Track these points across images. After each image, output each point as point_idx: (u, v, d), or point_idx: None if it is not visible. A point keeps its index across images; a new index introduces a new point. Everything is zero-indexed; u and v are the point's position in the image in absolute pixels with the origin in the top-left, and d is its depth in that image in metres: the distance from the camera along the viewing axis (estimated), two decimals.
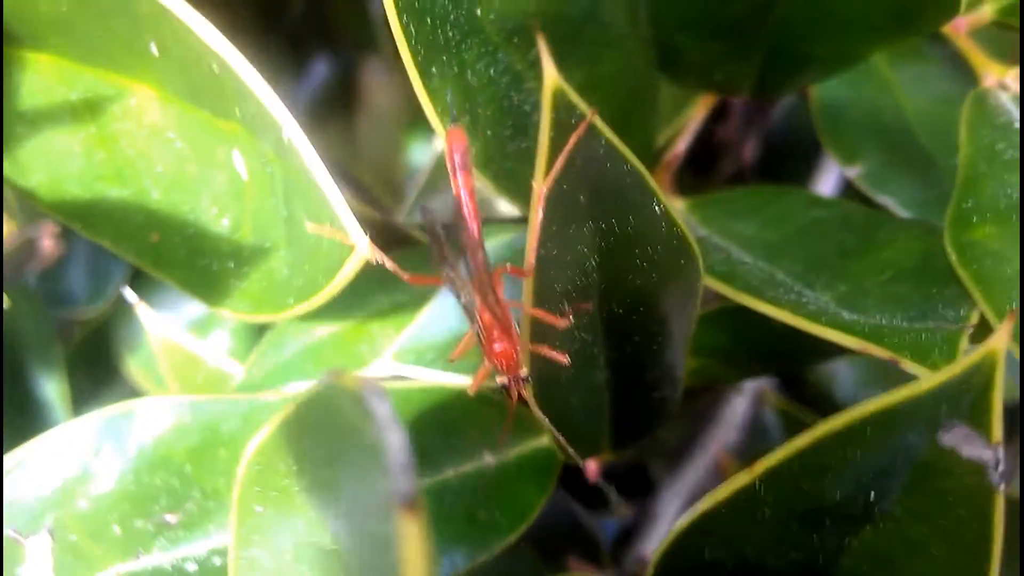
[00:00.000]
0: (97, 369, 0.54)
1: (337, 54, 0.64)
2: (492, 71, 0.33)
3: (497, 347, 0.28)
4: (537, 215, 0.26)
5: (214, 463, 0.31)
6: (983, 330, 0.29)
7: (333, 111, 0.65)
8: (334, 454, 0.22)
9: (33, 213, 0.47)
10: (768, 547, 0.29)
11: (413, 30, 0.30)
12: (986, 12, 0.39)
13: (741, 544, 0.29)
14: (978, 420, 0.25)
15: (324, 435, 0.23)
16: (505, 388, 0.29)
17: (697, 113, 0.46)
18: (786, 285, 0.34)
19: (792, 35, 0.39)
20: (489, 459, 0.35)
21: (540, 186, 0.25)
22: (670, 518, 0.48)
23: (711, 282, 0.32)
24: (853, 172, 0.43)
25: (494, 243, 0.36)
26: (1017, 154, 0.34)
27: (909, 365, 0.28)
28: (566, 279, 0.28)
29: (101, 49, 0.31)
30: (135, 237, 0.33)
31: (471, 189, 0.29)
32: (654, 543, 0.47)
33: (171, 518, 0.31)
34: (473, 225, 0.28)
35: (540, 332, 0.29)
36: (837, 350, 0.40)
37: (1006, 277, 0.30)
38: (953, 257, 0.31)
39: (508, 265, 0.29)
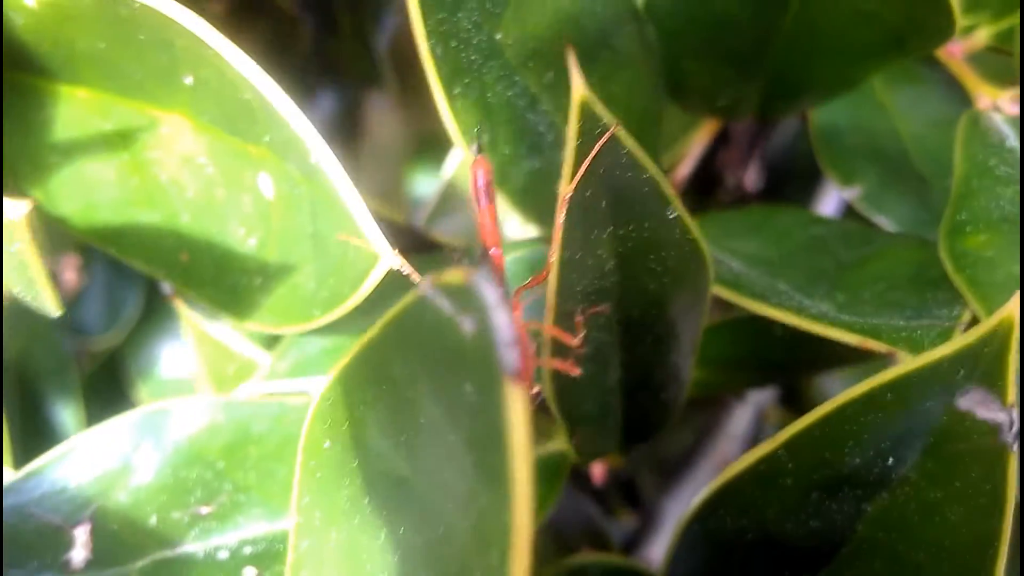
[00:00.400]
0: (110, 397, 0.55)
1: (342, 89, 0.65)
2: (510, 92, 0.35)
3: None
4: (561, 218, 0.27)
5: (245, 459, 0.33)
6: None
7: (338, 144, 0.66)
8: (421, 366, 0.22)
9: (55, 246, 0.49)
10: (788, 515, 0.30)
11: (439, 52, 0.32)
12: (981, 37, 0.41)
13: (762, 512, 0.30)
14: (993, 383, 0.26)
15: (413, 346, 0.23)
16: None
17: (700, 138, 0.48)
18: (788, 294, 0.35)
19: (792, 60, 0.41)
20: None
21: (565, 191, 0.27)
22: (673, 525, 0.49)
23: (719, 289, 0.34)
24: (851, 193, 0.45)
25: (507, 260, 0.38)
26: (1009, 170, 0.36)
27: (905, 357, 0.29)
28: (586, 282, 0.29)
29: (136, 81, 0.33)
30: (166, 258, 0.35)
31: (494, 215, 0.30)
32: (659, 548, 0.48)
33: (204, 510, 0.32)
34: (497, 251, 0.29)
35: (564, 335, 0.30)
36: (836, 360, 0.42)
37: (997, 281, 0.31)
38: (948, 264, 0.32)
39: (530, 279, 0.30)
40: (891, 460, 0.28)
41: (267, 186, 0.32)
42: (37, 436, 0.48)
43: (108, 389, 0.56)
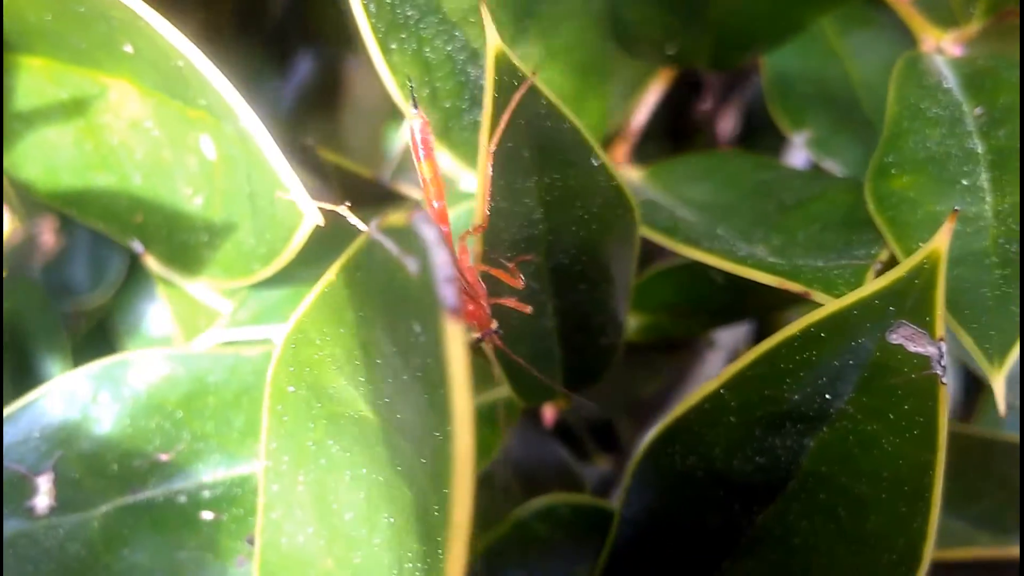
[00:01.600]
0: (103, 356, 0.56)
1: (319, 52, 0.66)
2: (450, 48, 0.36)
3: (470, 308, 0.31)
4: (486, 170, 0.28)
5: (203, 409, 0.35)
6: None
7: (318, 106, 0.67)
8: (373, 308, 0.24)
9: (33, 209, 0.50)
10: (734, 451, 0.31)
11: (374, 9, 0.33)
12: None
13: (709, 449, 0.31)
14: (922, 319, 0.27)
15: (364, 288, 0.24)
16: (479, 342, 0.31)
17: (656, 87, 0.49)
18: (724, 239, 0.36)
19: (733, 6, 0.41)
20: None
21: (486, 143, 0.28)
22: None
23: (654, 235, 0.35)
24: (800, 138, 0.46)
25: (456, 212, 0.39)
26: (940, 111, 0.37)
27: (819, 296, 0.30)
28: (515, 230, 0.31)
29: (83, 51, 0.34)
30: (122, 219, 0.37)
31: (434, 170, 0.31)
32: None
33: (164, 457, 0.34)
34: (440, 204, 0.31)
35: (493, 285, 0.31)
36: (780, 302, 0.43)
37: (916, 220, 0.32)
38: (871, 205, 0.34)
39: (471, 228, 0.31)
40: (829, 395, 0.29)
41: (208, 147, 0.33)
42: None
43: (101, 349, 0.57)
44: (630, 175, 0.46)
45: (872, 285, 0.28)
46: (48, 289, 0.52)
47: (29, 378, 0.49)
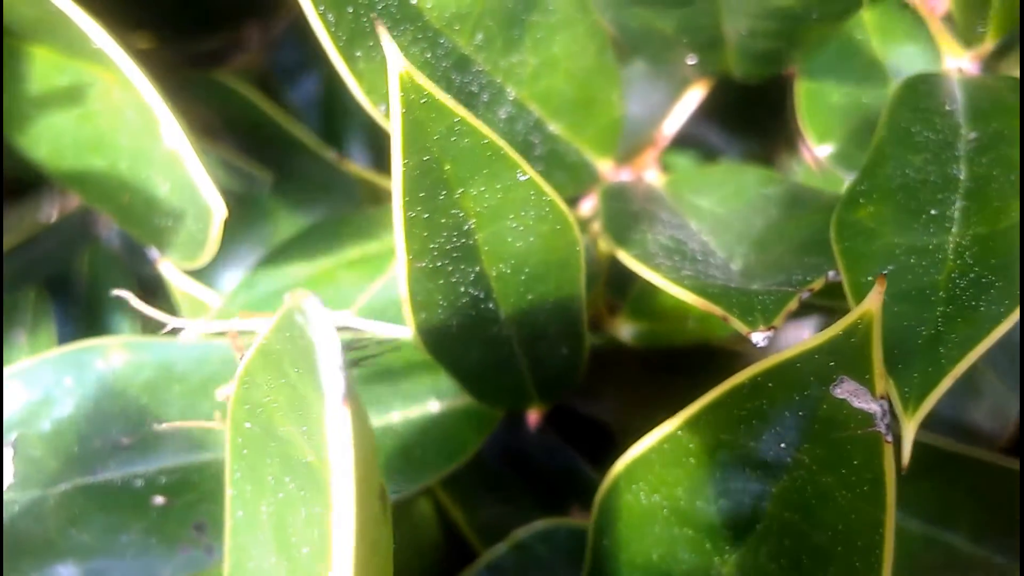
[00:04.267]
0: None
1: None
2: (429, 55, 0.36)
3: None
4: (396, 182, 0.29)
5: (168, 396, 0.36)
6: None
7: None
8: (295, 369, 0.26)
9: None
10: (696, 492, 0.31)
11: (332, 19, 0.33)
12: None
13: (672, 489, 0.32)
14: (862, 376, 0.27)
15: (290, 353, 0.26)
16: None
17: (690, 95, 0.48)
18: (693, 256, 0.36)
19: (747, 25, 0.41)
20: (434, 406, 0.38)
21: (398, 156, 0.28)
22: None
23: (611, 246, 0.35)
24: (823, 152, 0.44)
25: None
26: (929, 135, 0.35)
27: (735, 322, 0.30)
28: (442, 239, 0.31)
29: (70, 43, 0.36)
30: (113, 199, 0.39)
31: None
32: None
33: (125, 441, 0.35)
34: None
35: (422, 287, 0.31)
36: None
37: (871, 252, 0.32)
38: (832, 233, 0.33)
39: None
40: (783, 444, 0.29)
41: (169, 136, 0.35)
42: None
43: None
44: (653, 181, 0.46)
45: (811, 340, 0.28)
46: (126, 253, 0.55)
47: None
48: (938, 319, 0.29)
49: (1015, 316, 0.28)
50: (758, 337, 0.29)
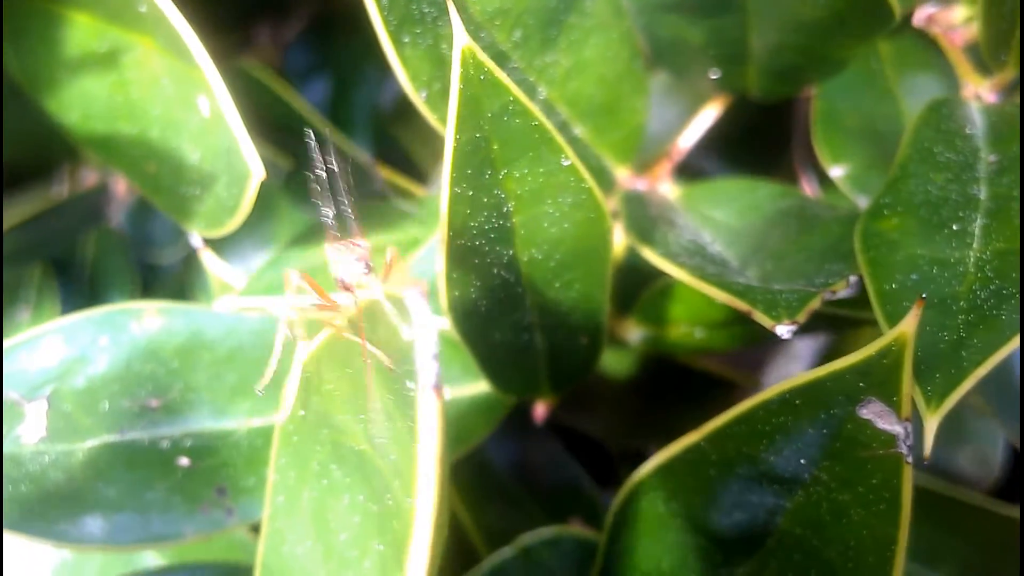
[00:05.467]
0: None
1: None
2: None
3: None
4: (448, 157, 0.29)
5: (197, 362, 0.37)
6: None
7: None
8: (375, 361, 0.27)
9: None
10: (713, 503, 0.32)
11: (385, 2, 0.34)
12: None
13: (690, 498, 0.33)
14: (890, 397, 0.28)
15: (371, 338, 0.27)
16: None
17: (708, 110, 0.49)
18: (712, 259, 0.36)
19: (774, 39, 0.42)
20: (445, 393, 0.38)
21: (451, 131, 0.29)
22: None
23: (634, 242, 0.36)
24: (837, 172, 0.45)
25: None
26: (951, 156, 0.37)
27: (759, 316, 0.30)
28: (482, 219, 0.31)
29: (115, 9, 0.37)
30: (139, 166, 0.40)
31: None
32: None
33: (154, 403, 0.36)
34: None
35: (458, 265, 0.32)
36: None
37: (895, 262, 0.33)
38: (857, 244, 0.34)
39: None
40: (803, 460, 0.30)
41: (205, 106, 0.35)
42: None
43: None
44: (667, 193, 0.47)
45: (844, 360, 0.29)
46: (132, 240, 0.56)
47: None
48: (960, 326, 0.30)
49: None
50: (783, 330, 0.30)
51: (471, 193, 0.31)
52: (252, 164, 0.34)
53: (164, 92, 0.38)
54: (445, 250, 0.32)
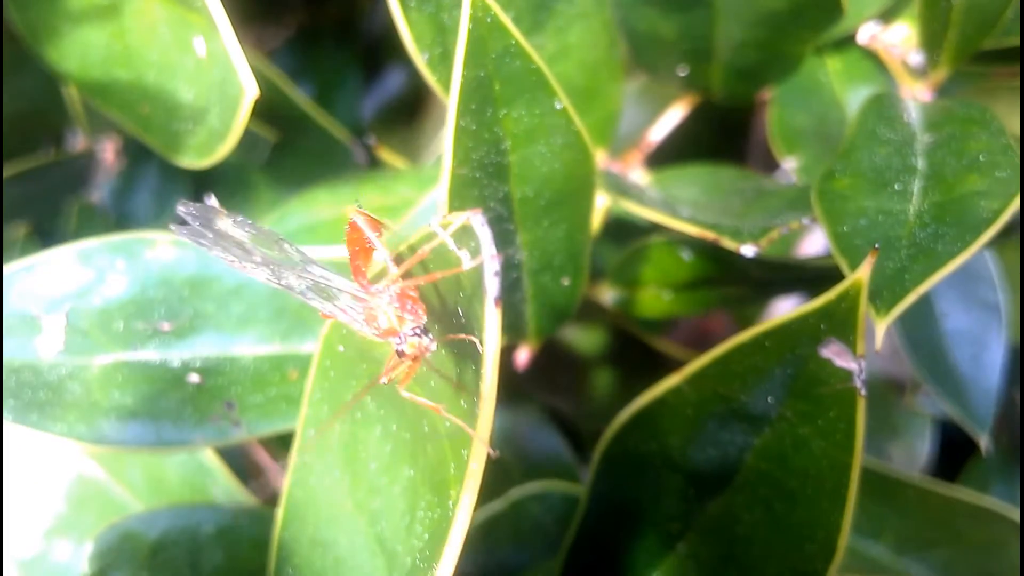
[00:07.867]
0: None
1: (408, 66, 0.70)
2: None
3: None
4: (454, 91, 0.32)
5: (207, 292, 0.40)
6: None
7: (402, 116, 0.71)
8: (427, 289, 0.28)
9: (98, 127, 0.56)
10: (689, 441, 0.35)
11: None
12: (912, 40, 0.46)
13: (666, 438, 0.36)
14: (848, 337, 0.31)
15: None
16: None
17: (675, 110, 0.53)
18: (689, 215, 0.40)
19: (737, 34, 0.45)
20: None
21: (460, 69, 0.32)
22: None
23: (617, 197, 0.39)
24: (789, 164, 0.49)
25: None
26: (890, 135, 0.41)
27: (726, 242, 0.34)
28: (482, 153, 0.35)
29: None
30: (133, 108, 0.44)
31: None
32: None
33: (166, 326, 0.38)
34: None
35: (459, 195, 0.35)
36: (789, 287, 0.47)
37: (845, 210, 0.37)
38: (813, 199, 0.38)
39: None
40: (771, 399, 0.33)
41: (201, 47, 0.40)
42: None
43: None
44: (639, 177, 0.50)
45: (809, 304, 0.32)
46: (115, 216, 0.58)
47: None
48: (903, 258, 0.34)
49: (967, 254, 0.32)
50: (747, 250, 0.33)
51: (473, 127, 0.34)
52: (246, 83, 0.37)
53: (161, 38, 0.41)
54: (449, 179, 0.35)
